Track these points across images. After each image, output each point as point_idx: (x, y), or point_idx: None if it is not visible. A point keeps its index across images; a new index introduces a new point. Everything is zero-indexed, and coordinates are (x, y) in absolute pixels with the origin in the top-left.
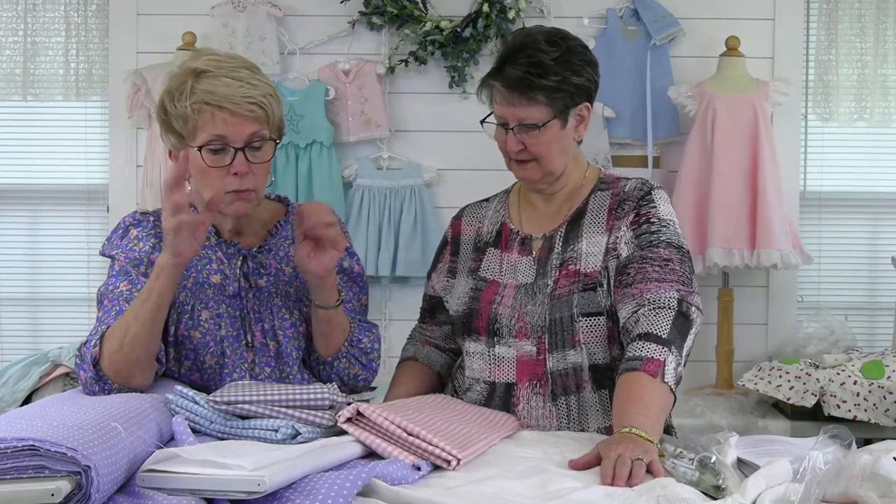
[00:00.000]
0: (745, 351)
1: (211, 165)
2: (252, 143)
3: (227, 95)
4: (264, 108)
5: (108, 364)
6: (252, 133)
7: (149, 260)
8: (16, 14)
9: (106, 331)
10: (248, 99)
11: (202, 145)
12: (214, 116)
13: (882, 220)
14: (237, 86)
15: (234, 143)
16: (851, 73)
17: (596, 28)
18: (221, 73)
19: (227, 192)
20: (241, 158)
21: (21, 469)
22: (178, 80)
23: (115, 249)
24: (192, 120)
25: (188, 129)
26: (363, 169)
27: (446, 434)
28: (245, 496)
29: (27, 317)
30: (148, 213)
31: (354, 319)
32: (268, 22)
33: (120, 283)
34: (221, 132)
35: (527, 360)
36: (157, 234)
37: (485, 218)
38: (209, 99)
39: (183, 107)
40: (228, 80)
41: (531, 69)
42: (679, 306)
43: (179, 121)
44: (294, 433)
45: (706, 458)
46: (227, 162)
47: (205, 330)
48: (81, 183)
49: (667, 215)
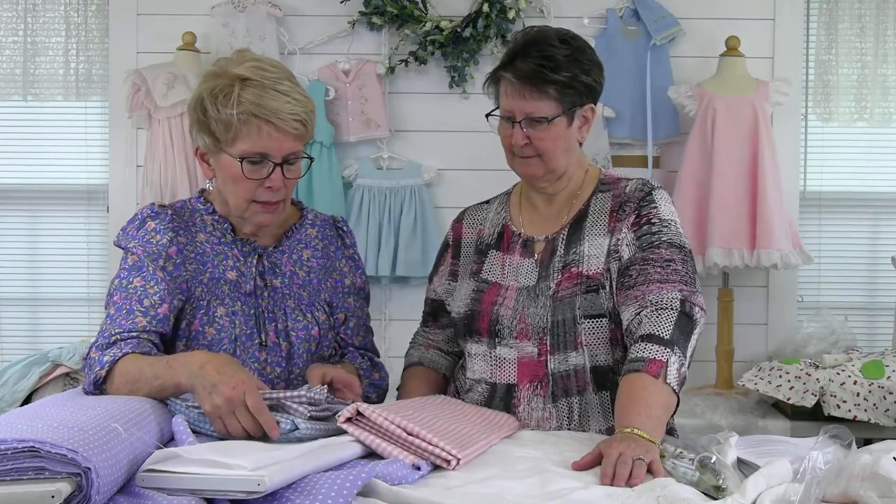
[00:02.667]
0: (745, 351)
1: (248, 177)
2: (289, 160)
3: (276, 110)
4: (306, 126)
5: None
6: (293, 151)
7: (166, 254)
8: (16, 14)
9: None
10: (295, 116)
11: (243, 157)
12: (261, 130)
13: (882, 220)
14: (284, 101)
15: (274, 158)
16: (851, 73)
17: (596, 28)
18: (268, 85)
19: (258, 202)
20: (279, 174)
21: (21, 470)
22: (222, 84)
23: (130, 241)
24: (236, 129)
25: (228, 136)
26: (363, 169)
27: (446, 434)
28: (245, 496)
29: (27, 317)
30: (166, 206)
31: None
32: (268, 22)
33: (133, 279)
34: (264, 147)
35: (528, 361)
36: (175, 228)
37: (486, 220)
38: (257, 112)
39: (228, 114)
40: (275, 94)
41: (545, 62)
42: (682, 307)
43: (220, 125)
44: (293, 427)
45: (706, 458)
46: (264, 175)
47: (220, 327)
48: (81, 183)
49: (668, 215)
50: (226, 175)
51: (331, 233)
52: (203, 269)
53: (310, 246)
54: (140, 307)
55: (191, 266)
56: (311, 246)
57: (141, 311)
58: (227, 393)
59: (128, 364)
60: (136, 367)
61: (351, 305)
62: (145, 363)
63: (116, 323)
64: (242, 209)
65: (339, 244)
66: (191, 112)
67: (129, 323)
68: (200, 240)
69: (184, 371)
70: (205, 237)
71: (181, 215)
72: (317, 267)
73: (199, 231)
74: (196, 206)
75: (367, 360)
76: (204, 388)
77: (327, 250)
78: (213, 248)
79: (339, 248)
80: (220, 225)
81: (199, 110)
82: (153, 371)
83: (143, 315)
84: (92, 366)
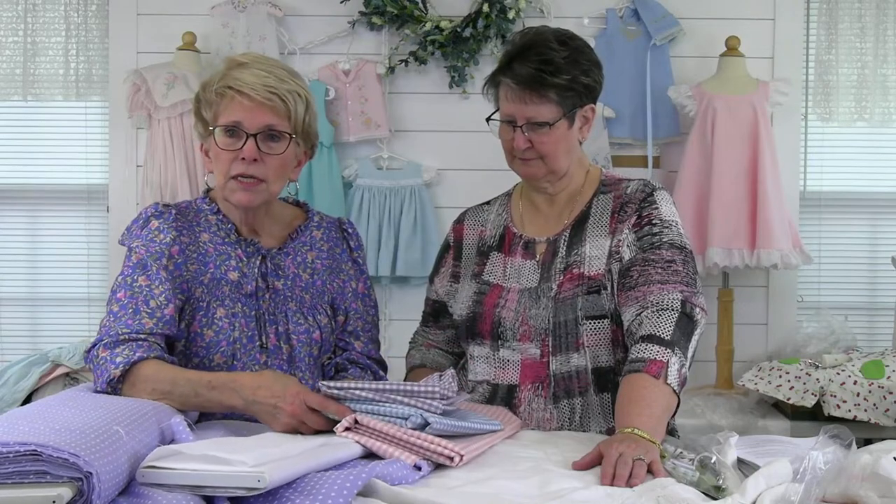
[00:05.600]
0: (745, 351)
1: (222, 147)
2: (268, 133)
3: (250, 83)
4: (285, 100)
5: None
6: (268, 123)
7: (169, 252)
8: (16, 14)
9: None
10: (270, 88)
11: (216, 126)
12: (234, 101)
13: (882, 220)
14: (263, 76)
15: (247, 128)
16: (851, 73)
17: (596, 28)
18: (256, 67)
19: (232, 176)
20: (251, 144)
21: (23, 474)
22: (214, 70)
23: (134, 240)
24: (216, 104)
25: (211, 114)
26: (363, 169)
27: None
28: (245, 492)
29: (27, 317)
30: (170, 206)
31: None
32: (268, 22)
33: (138, 277)
34: (238, 117)
35: (530, 362)
36: (178, 227)
37: (487, 221)
38: (233, 84)
39: (210, 92)
40: (258, 72)
41: (544, 66)
42: (683, 307)
43: (207, 106)
44: (423, 422)
45: (706, 459)
46: (239, 147)
47: (218, 328)
48: (81, 183)
49: (669, 216)
50: (212, 157)
51: (336, 235)
52: (204, 270)
53: (315, 248)
54: (146, 308)
55: (192, 266)
56: (315, 248)
57: (147, 313)
58: (289, 410)
59: (152, 371)
60: (167, 377)
61: (358, 308)
62: (179, 376)
63: (122, 322)
64: (222, 187)
65: (345, 246)
66: (192, 107)
67: (136, 324)
68: (204, 240)
69: (236, 397)
70: (208, 237)
71: (185, 215)
72: (321, 269)
73: (202, 231)
74: (201, 207)
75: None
76: (267, 413)
77: (333, 252)
78: (217, 248)
79: (344, 251)
80: (224, 225)
81: (195, 101)
82: (192, 388)
83: (150, 317)
84: (102, 365)
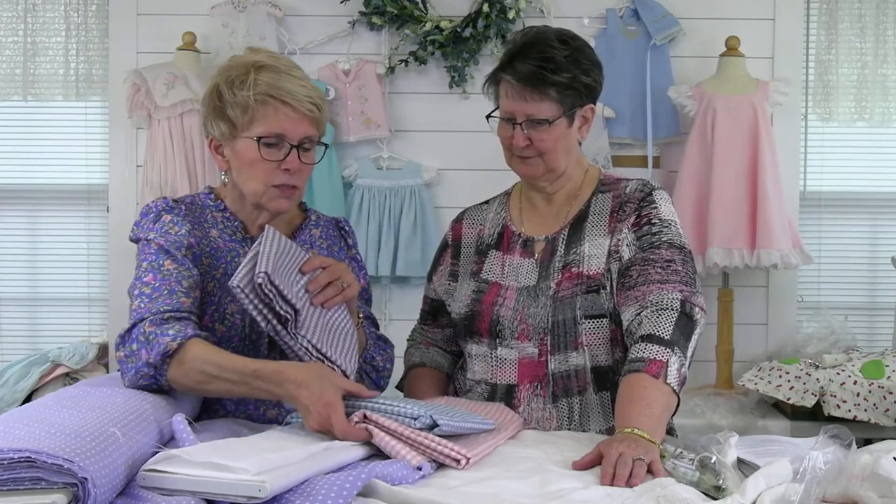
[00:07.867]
0: (745, 351)
1: (266, 158)
2: (304, 144)
3: (292, 91)
4: (321, 110)
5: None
6: (308, 134)
7: (187, 243)
8: (16, 14)
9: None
10: (310, 98)
11: (260, 137)
12: (277, 111)
13: (882, 220)
14: (299, 83)
15: (290, 139)
16: (851, 73)
17: (596, 28)
18: (283, 70)
19: (274, 185)
20: (295, 156)
21: (18, 481)
22: (237, 71)
23: (149, 233)
24: (252, 110)
25: (245, 119)
26: (363, 169)
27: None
28: (245, 500)
29: (27, 317)
30: (178, 201)
31: (371, 335)
32: (268, 22)
33: (164, 261)
34: (282, 128)
35: (528, 361)
36: (191, 220)
37: (486, 220)
38: (274, 93)
39: (245, 96)
40: (290, 77)
41: (545, 64)
42: (682, 307)
43: (237, 109)
44: (432, 424)
45: (706, 459)
46: (281, 157)
47: (230, 324)
48: (81, 183)
49: (668, 216)
50: (242, 161)
51: (334, 233)
52: (217, 265)
53: (314, 246)
54: (181, 287)
55: (206, 260)
56: (315, 246)
57: (183, 292)
58: (317, 418)
59: (201, 351)
60: (214, 360)
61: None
62: (226, 362)
63: (161, 301)
64: (259, 194)
65: (343, 244)
66: (205, 103)
67: (176, 302)
68: (213, 235)
69: (282, 391)
70: (217, 233)
71: (192, 210)
72: None
73: (211, 227)
74: (206, 202)
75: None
76: (303, 410)
77: (331, 250)
78: (226, 245)
79: (342, 249)
80: (231, 222)
81: (214, 97)
82: (240, 377)
83: (186, 296)
84: (154, 339)
